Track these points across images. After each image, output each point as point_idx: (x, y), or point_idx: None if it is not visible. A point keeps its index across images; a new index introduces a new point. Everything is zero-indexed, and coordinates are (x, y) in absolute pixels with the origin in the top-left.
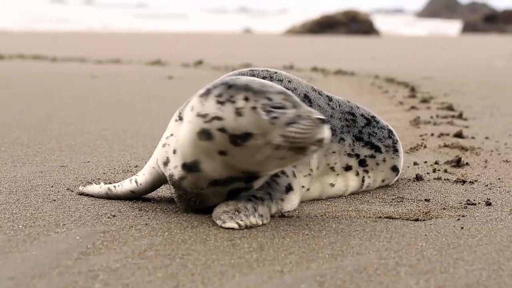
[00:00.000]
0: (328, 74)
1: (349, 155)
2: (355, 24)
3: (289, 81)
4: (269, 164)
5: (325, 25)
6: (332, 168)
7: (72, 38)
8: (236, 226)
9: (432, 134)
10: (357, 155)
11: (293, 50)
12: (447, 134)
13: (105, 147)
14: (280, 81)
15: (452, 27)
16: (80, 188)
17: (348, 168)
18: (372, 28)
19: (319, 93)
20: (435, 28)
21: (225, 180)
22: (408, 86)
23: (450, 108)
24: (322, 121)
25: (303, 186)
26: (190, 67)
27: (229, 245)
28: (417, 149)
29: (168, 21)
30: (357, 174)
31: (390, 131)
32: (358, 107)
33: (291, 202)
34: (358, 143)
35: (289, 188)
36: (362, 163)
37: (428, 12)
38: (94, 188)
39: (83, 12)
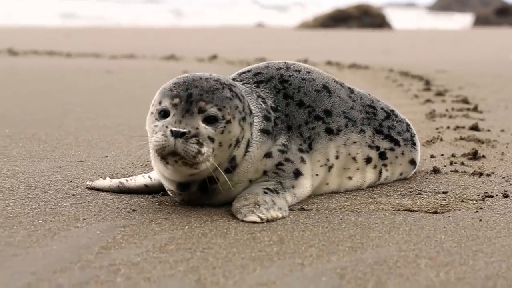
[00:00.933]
0: (343, 68)
1: (370, 146)
2: (367, 18)
3: (308, 72)
4: (169, 172)
5: (338, 19)
6: (354, 159)
7: (85, 34)
8: (258, 219)
9: (448, 127)
10: (377, 147)
11: (307, 44)
12: (463, 127)
13: (123, 142)
14: (298, 71)
15: (464, 20)
16: (88, 183)
17: (368, 160)
18: (385, 22)
19: (340, 85)
20: (447, 21)
21: (181, 188)
22: (422, 79)
23: (465, 101)
24: (173, 134)
25: (317, 175)
26: (204, 61)
27: (249, 239)
28: (433, 142)
29: (181, 16)
30: (375, 167)
31: (408, 125)
32: (378, 101)
33: (303, 186)
34: (378, 135)
35: (297, 174)
36: (382, 155)
37: (440, 6)
38: (104, 182)
39: (95, 8)
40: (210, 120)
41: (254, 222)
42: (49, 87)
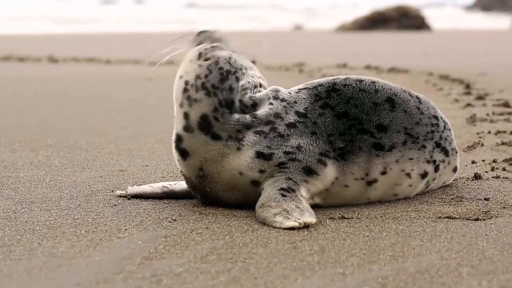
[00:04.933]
0: (382, 72)
1: (428, 161)
2: (406, 20)
3: (373, 82)
4: None
5: (376, 21)
6: (408, 175)
7: (124, 39)
8: (296, 224)
9: (489, 132)
10: (434, 161)
11: (346, 48)
12: (504, 132)
13: (163, 151)
14: (360, 81)
15: (504, 21)
16: (119, 192)
17: (424, 175)
18: (424, 24)
19: (409, 95)
20: (487, 22)
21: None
22: (463, 83)
23: (506, 104)
24: None
25: (346, 186)
26: None
27: (290, 248)
28: (474, 147)
29: (218, 20)
30: (427, 181)
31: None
32: (436, 109)
33: (316, 185)
34: (437, 149)
35: (309, 171)
36: (437, 168)
37: (480, 6)
38: (145, 188)
39: (134, 12)
40: None
41: (293, 228)
42: (90, 95)
